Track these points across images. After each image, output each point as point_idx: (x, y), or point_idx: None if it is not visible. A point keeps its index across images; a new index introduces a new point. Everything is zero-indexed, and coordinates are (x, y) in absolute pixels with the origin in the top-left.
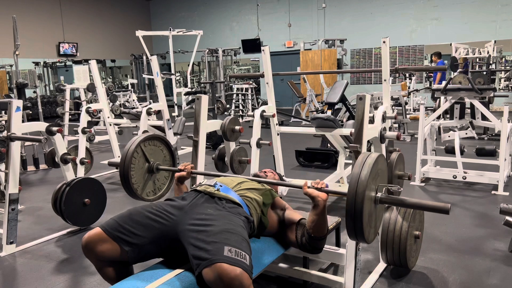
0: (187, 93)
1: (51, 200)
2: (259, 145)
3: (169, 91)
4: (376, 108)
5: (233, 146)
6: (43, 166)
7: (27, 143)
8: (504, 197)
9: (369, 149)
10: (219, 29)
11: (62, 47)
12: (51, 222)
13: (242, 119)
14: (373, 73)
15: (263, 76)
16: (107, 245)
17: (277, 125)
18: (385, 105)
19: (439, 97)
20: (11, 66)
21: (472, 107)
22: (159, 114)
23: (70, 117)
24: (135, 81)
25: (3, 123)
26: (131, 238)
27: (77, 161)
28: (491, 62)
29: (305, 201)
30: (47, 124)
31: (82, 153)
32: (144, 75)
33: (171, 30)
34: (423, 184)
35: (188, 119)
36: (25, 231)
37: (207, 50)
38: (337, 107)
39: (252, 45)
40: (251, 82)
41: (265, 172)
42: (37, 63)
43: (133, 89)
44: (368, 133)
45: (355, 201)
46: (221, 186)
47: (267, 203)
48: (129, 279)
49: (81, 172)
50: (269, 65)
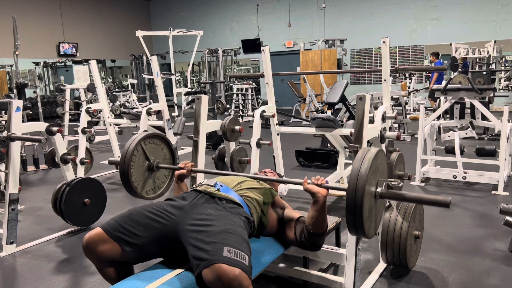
0: (187, 93)
1: (51, 200)
2: (259, 145)
3: (169, 91)
4: (376, 108)
5: (233, 146)
6: (43, 166)
7: (27, 143)
8: (504, 197)
9: None
10: (219, 29)
11: (62, 47)
12: (51, 222)
13: (242, 119)
14: (373, 73)
15: (263, 76)
16: (108, 245)
17: (277, 125)
18: (385, 105)
19: (438, 97)
20: (11, 66)
21: (472, 107)
22: (159, 114)
23: (70, 117)
24: (135, 81)
25: (3, 123)
26: (132, 238)
27: (77, 161)
28: (491, 62)
29: (305, 201)
30: (47, 124)
31: (82, 153)
32: (144, 75)
33: (171, 30)
34: (423, 184)
35: (188, 119)
36: (25, 231)
37: (207, 50)
38: (337, 107)
39: (252, 45)
40: (251, 82)
41: (265, 172)
42: (37, 63)
43: (133, 89)
44: (368, 133)
45: (355, 195)
46: (221, 186)
47: (268, 202)
48: (129, 279)
49: (81, 172)
50: (269, 65)
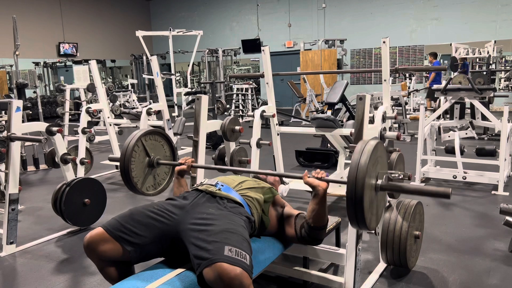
0: (187, 93)
1: (51, 200)
2: (259, 145)
3: (169, 91)
4: (376, 108)
5: (233, 146)
6: (43, 166)
7: (27, 143)
8: (504, 197)
9: None
10: (219, 29)
11: (62, 47)
12: (51, 222)
13: (242, 119)
14: (373, 73)
15: (263, 76)
16: (109, 245)
17: (277, 125)
18: (385, 105)
19: (438, 97)
20: (11, 66)
21: (472, 107)
22: (159, 114)
23: (70, 117)
24: (135, 81)
25: (3, 123)
26: (133, 237)
27: (77, 161)
28: (491, 62)
29: (305, 201)
30: (47, 124)
31: (82, 153)
32: (144, 75)
33: (171, 30)
34: (423, 184)
35: (188, 119)
36: (25, 231)
37: (207, 50)
38: (337, 107)
39: (252, 45)
40: (251, 82)
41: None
42: (37, 63)
43: (133, 89)
44: (368, 133)
45: (355, 187)
46: (222, 185)
47: (268, 200)
48: (129, 279)
49: (81, 172)
50: (269, 65)
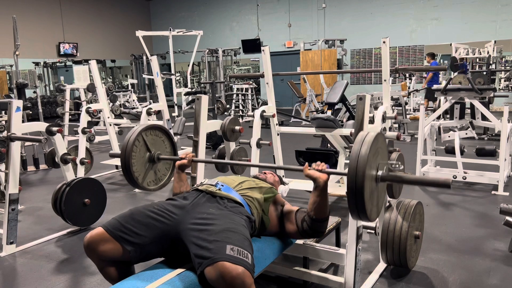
0: (187, 93)
1: (51, 200)
2: (259, 145)
3: (169, 91)
4: (376, 108)
5: (233, 146)
6: (43, 166)
7: (27, 143)
8: (504, 197)
9: None
10: (219, 29)
11: (62, 47)
12: (51, 222)
13: (242, 119)
14: (373, 73)
15: (263, 76)
16: (109, 245)
17: (277, 125)
18: (385, 105)
19: (437, 97)
20: (11, 66)
21: (472, 107)
22: (159, 114)
23: (70, 117)
24: (135, 81)
25: (3, 123)
26: (133, 237)
27: (77, 161)
28: (491, 62)
29: (305, 201)
30: (47, 124)
31: (82, 153)
32: (144, 75)
33: (171, 30)
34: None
35: (188, 119)
36: (25, 231)
37: (207, 50)
38: (337, 107)
39: (252, 45)
40: (251, 82)
41: (265, 173)
42: (37, 63)
43: (133, 89)
44: None
45: (356, 177)
46: (222, 185)
47: (269, 199)
48: (129, 279)
49: (81, 172)
50: (269, 65)
